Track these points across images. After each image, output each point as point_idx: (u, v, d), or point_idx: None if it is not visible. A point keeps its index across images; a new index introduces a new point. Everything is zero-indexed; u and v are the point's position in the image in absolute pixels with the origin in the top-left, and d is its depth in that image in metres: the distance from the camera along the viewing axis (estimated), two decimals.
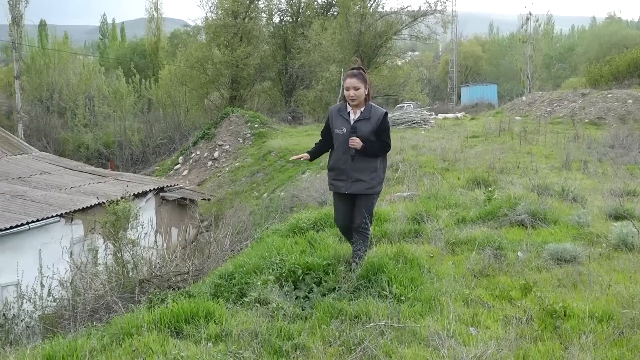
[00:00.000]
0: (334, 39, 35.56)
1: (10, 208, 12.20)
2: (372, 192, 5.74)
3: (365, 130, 5.64)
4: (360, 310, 4.78)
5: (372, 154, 5.68)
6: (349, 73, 5.79)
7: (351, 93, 5.68)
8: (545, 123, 22.43)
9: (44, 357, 4.39)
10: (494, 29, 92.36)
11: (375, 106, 5.82)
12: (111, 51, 62.68)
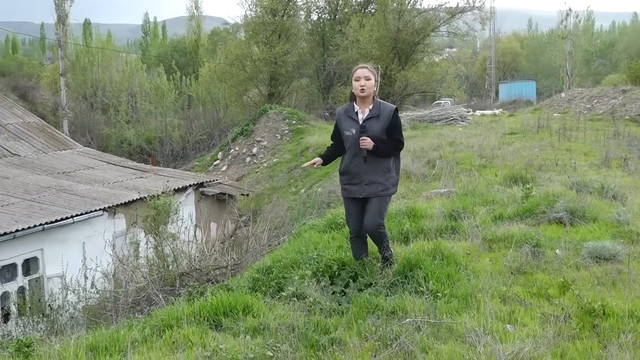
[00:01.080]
0: (372, 36, 35.46)
1: (56, 202, 12.49)
2: (386, 193, 5.48)
3: (376, 128, 5.37)
4: (396, 306, 4.78)
5: (384, 153, 5.42)
6: (360, 66, 5.55)
7: (362, 82, 5.39)
8: (585, 120, 22.00)
9: (88, 347, 4.46)
10: (533, 25, 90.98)
11: (384, 102, 5.57)
12: (153, 49, 63.70)
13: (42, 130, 18.30)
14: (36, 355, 4.42)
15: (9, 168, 14.78)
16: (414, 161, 13.65)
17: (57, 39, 33.94)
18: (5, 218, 11.07)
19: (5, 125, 17.34)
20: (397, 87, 36.73)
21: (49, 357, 4.29)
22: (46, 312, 8.52)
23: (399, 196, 9.62)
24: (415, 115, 27.42)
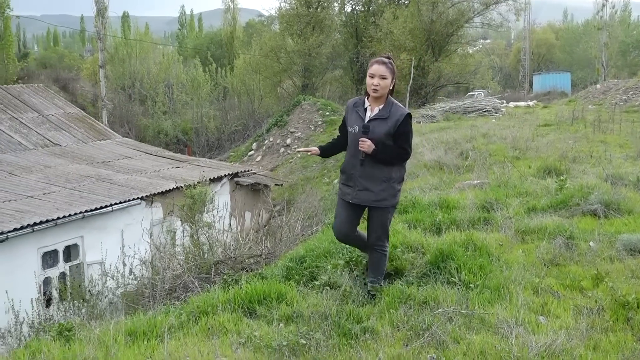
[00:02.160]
0: (405, 28, 35.24)
1: (96, 191, 12.77)
2: (380, 205, 4.88)
3: (379, 131, 4.76)
4: (428, 296, 4.79)
5: (385, 160, 4.81)
6: (378, 59, 4.87)
7: (375, 81, 4.76)
8: (620, 112, 21.47)
9: (126, 332, 4.54)
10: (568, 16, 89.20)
11: (397, 104, 4.89)
12: (189, 41, 64.34)
13: (82, 121, 18.69)
14: (77, 339, 4.49)
15: (51, 157, 15.16)
16: (447, 152, 13.57)
17: (96, 31, 34.49)
18: (47, 206, 11.38)
19: (47, 116, 17.76)
20: (430, 79, 36.49)
21: (89, 341, 4.36)
22: (86, 298, 8.73)
23: (432, 187, 9.61)
24: (449, 107, 27.25)
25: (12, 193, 11.91)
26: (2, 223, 10.16)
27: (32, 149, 15.50)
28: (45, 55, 62.98)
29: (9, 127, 16.11)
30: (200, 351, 4.09)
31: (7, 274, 10.05)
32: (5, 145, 15.13)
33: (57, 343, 4.40)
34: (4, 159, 14.27)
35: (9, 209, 10.99)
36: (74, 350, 4.14)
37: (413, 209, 7.61)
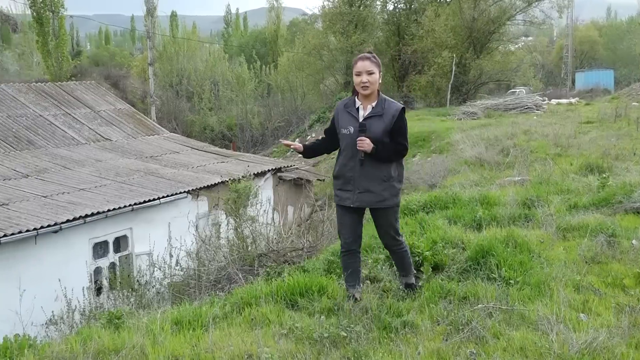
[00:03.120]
0: (447, 25, 35.00)
1: (144, 184, 13.07)
2: (383, 205, 4.70)
3: (377, 129, 4.60)
4: (468, 292, 4.81)
5: (384, 158, 4.64)
6: (361, 56, 4.73)
7: (363, 78, 4.58)
8: None
9: (172, 321, 4.64)
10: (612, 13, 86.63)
11: (389, 100, 4.74)
12: (234, 39, 64.99)
13: (131, 117, 19.11)
14: (126, 327, 4.61)
15: (102, 152, 15.58)
16: (488, 149, 13.47)
17: (146, 30, 35.17)
18: (98, 198, 11.72)
19: (99, 111, 18.25)
20: (471, 76, 36.16)
21: (137, 329, 4.48)
22: (135, 287, 8.93)
23: (472, 183, 9.57)
24: (490, 104, 27.00)
25: (65, 186, 12.31)
26: (57, 215, 10.52)
27: (84, 143, 15.96)
28: (97, 54, 64.50)
29: (62, 122, 16.63)
30: (244, 341, 4.17)
31: (60, 263, 10.38)
32: (59, 140, 15.62)
33: (107, 330, 4.52)
34: (58, 153, 14.74)
35: (63, 201, 11.36)
36: (123, 337, 4.25)
37: (453, 204, 7.61)
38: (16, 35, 53.25)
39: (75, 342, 4.20)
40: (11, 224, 9.82)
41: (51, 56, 36.48)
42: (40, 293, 8.97)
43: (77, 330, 5.55)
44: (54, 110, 17.13)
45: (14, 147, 14.31)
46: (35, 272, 9.92)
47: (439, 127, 23.30)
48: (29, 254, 10.01)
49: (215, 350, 4.04)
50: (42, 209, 10.80)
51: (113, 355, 3.98)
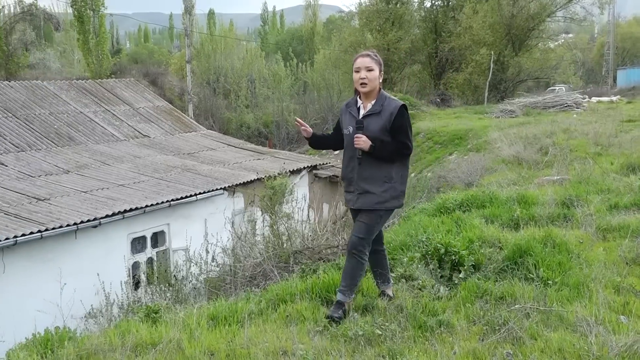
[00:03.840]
0: (485, 22, 34.62)
1: (182, 180, 13.23)
2: (381, 207, 4.49)
3: (374, 127, 4.45)
4: (505, 292, 4.76)
5: (384, 157, 4.46)
6: (361, 53, 4.63)
7: (362, 74, 4.47)
8: None
9: (209, 316, 4.68)
10: None
11: (390, 97, 4.59)
12: (271, 37, 65.41)
13: (169, 114, 19.37)
14: (163, 321, 4.65)
15: (140, 148, 15.83)
16: (526, 148, 13.29)
17: (184, 28, 35.57)
18: (136, 194, 11.90)
19: (138, 108, 18.54)
20: (509, 74, 35.72)
21: (174, 323, 4.52)
22: (171, 282, 9.05)
23: (510, 182, 9.45)
24: (528, 102, 26.69)
25: (105, 182, 12.54)
26: (96, 210, 10.73)
27: (123, 140, 16.23)
28: (136, 51, 65.54)
29: (102, 119, 16.94)
30: (279, 337, 4.20)
31: (99, 257, 10.58)
32: (99, 137, 15.92)
33: (145, 324, 4.58)
34: (98, 149, 15.03)
35: (102, 196, 11.58)
36: (160, 331, 4.31)
37: (490, 203, 7.54)
38: (58, 34, 54.43)
39: (113, 335, 4.28)
40: (52, 219, 10.04)
41: (92, 54, 37.23)
42: (80, 286, 9.16)
43: (115, 323, 5.63)
44: (94, 107, 17.46)
45: (56, 144, 14.64)
46: (75, 266, 10.13)
47: (476, 125, 23.10)
48: (70, 248, 10.23)
49: (251, 346, 4.07)
50: (82, 204, 11.03)
51: (150, 349, 4.04)
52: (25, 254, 9.59)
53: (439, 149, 22.41)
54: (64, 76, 38.97)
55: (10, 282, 9.43)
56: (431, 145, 23.18)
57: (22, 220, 9.85)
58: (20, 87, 16.78)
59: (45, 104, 16.35)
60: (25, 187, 11.57)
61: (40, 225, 9.65)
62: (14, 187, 11.46)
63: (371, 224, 4.52)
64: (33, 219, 9.93)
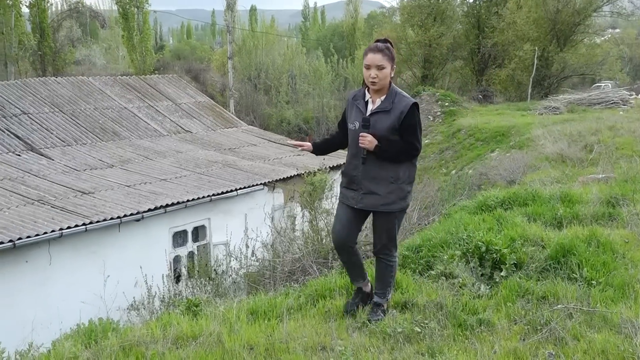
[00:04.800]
0: (529, 17, 34.00)
1: (223, 175, 13.37)
2: (388, 209, 4.26)
3: (382, 125, 4.17)
4: (547, 291, 4.68)
5: (391, 157, 4.20)
6: (373, 47, 4.23)
7: (372, 73, 4.15)
8: None
9: (248, 310, 4.69)
10: None
11: (401, 94, 4.26)
12: (312, 33, 65.48)
13: (211, 109, 19.58)
14: (203, 314, 4.70)
15: (182, 143, 16.05)
16: (570, 145, 13.05)
17: (225, 24, 35.93)
18: (178, 189, 12.08)
19: (180, 104, 18.80)
20: (554, 70, 35.02)
21: (214, 317, 4.56)
22: (212, 276, 9.17)
23: (553, 180, 9.28)
24: (573, 98, 26.18)
25: (147, 176, 12.76)
26: (139, 204, 10.92)
27: (165, 135, 16.49)
28: (179, 48, 66.45)
29: (146, 114, 17.23)
30: (318, 333, 4.22)
31: (142, 251, 10.78)
32: (142, 132, 16.21)
33: (186, 317, 4.61)
34: (141, 144, 15.29)
35: (145, 190, 11.79)
36: (201, 324, 4.35)
37: (533, 202, 7.41)
38: (103, 31, 55.53)
39: (155, 328, 4.33)
40: (97, 212, 10.27)
41: (136, 50, 37.90)
42: (123, 279, 9.35)
43: (157, 316, 5.73)
44: (138, 102, 17.77)
45: (100, 138, 14.95)
46: (118, 258, 10.34)
47: (518, 122, 22.77)
48: (113, 241, 10.44)
49: (290, 340, 4.09)
50: (125, 198, 11.24)
51: (191, 342, 4.09)
52: (71, 246, 9.83)
53: (480, 146, 22.20)
54: (109, 72, 39.80)
55: (56, 274, 9.68)
56: (472, 142, 22.98)
57: (68, 213, 10.09)
58: (66, 83, 17.19)
59: (90, 100, 16.71)
60: (71, 181, 11.86)
61: (84, 218, 9.87)
62: (60, 181, 11.75)
63: (390, 228, 4.35)
64: (78, 212, 10.17)
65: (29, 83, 16.43)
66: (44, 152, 13.32)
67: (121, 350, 3.96)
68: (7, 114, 14.26)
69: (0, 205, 10.09)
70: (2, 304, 8.96)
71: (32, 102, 15.25)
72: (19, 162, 12.44)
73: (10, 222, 9.38)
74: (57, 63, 38.46)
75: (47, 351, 4.03)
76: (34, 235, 9.04)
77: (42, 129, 14.28)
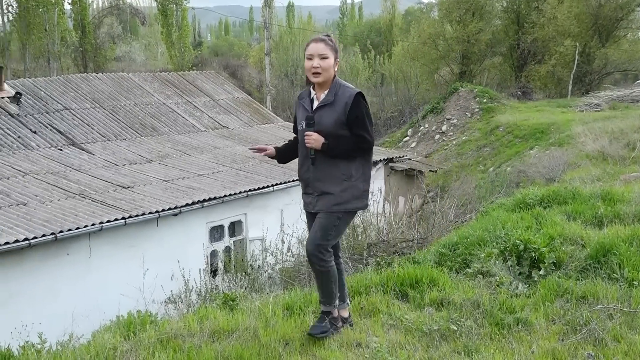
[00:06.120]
0: (570, 13, 33.32)
1: (259, 171, 13.45)
2: (339, 209, 3.93)
3: (328, 120, 3.89)
4: (587, 291, 4.61)
5: (341, 154, 3.90)
6: (314, 38, 4.01)
7: (315, 62, 3.88)
8: None
9: (284, 305, 4.73)
10: None
11: (345, 85, 4.00)
12: (349, 29, 65.34)
13: (248, 105, 19.71)
14: (239, 309, 4.72)
15: (220, 139, 16.19)
16: (612, 143, 12.77)
17: (263, 21, 36.08)
18: (215, 184, 12.20)
19: (217, 100, 18.97)
20: (595, 66, 34.29)
21: (250, 311, 4.60)
22: (248, 271, 9.24)
23: (594, 178, 9.10)
24: (615, 95, 25.62)
25: (185, 171, 12.92)
26: (177, 198, 11.07)
27: (203, 130, 16.66)
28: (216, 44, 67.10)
29: (184, 110, 17.44)
30: (353, 329, 4.24)
31: (179, 245, 10.91)
32: (180, 127, 16.41)
33: (222, 311, 4.67)
34: (179, 139, 15.49)
35: (183, 185, 11.94)
36: (237, 319, 4.40)
37: (573, 200, 7.28)
38: (143, 27, 56.39)
39: (192, 321, 4.39)
40: (136, 206, 10.44)
41: (174, 47, 38.42)
42: (160, 272, 9.48)
43: (194, 309, 5.80)
44: (177, 98, 17.99)
45: (140, 134, 15.19)
46: (156, 252, 10.48)
47: (558, 119, 22.42)
48: (151, 235, 10.59)
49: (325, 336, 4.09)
50: (163, 192, 11.40)
51: (227, 335, 4.14)
52: (110, 239, 10.01)
53: (519, 143, 21.93)
54: (148, 68, 40.38)
55: (96, 266, 9.88)
56: (511, 139, 22.74)
57: (108, 207, 10.29)
58: (107, 79, 17.51)
59: (130, 95, 16.99)
60: (111, 175, 12.08)
61: (124, 212, 10.05)
62: (101, 175, 11.98)
63: (327, 227, 3.93)
64: (117, 206, 10.35)
65: (71, 79, 16.77)
66: (85, 147, 13.59)
67: (159, 342, 4.03)
68: (50, 110, 14.59)
69: (43, 198, 10.34)
70: (45, 296, 9.19)
71: (74, 98, 15.56)
72: (61, 157, 12.73)
73: (52, 216, 9.61)
74: (98, 59, 39.23)
75: (87, 342, 4.12)
76: (75, 229, 9.23)
77: (83, 124, 14.58)
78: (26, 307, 8.83)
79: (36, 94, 14.99)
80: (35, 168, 11.80)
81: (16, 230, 8.83)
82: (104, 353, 3.82)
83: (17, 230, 8.85)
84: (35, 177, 11.32)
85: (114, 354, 3.83)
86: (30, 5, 34.18)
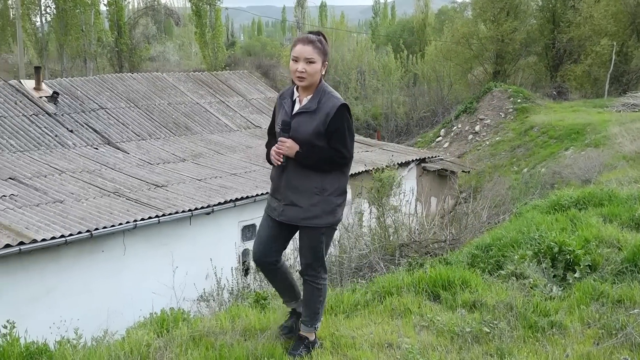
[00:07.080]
0: (607, 11, 32.69)
1: None
2: (311, 224, 3.69)
3: (305, 129, 3.62)
4: (624, 295, 4.53)
5: (313, 165, 3.63)
6: (303, 37, 3.70)
7: (299, 67, 3.60)
8: None
9: None
10: None
11: (331, 93, 3.69)
12: (382, 29, 65.08)
13: None
14: (271, 308, 4.72)
15: (252, 138, 16.31)
16: None
17: (295, 20, 36.29)
18: (248, 183, 12.29)
19: (250, 99, 19.10)
20: (633, 65, 33.55)
21: (281, 310, 4.59)
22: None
23: (631, 180, 8.91)
24: None
25: (218, 170, 13.04)
26: (209, 197, 11.18)
27: (236, 130, 16.80)
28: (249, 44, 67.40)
29: (217, 110, 17.61)
30: (384, 330, 4.22)
31: (212, 244, 11.01)
32: (213, 127, 16.57)
33: (254, 310, 4.68)
34: (213, 139, 15.64)
35: (215, 184, 12.05)
36: (268, 317, 4.41)
37: (609, 202, 7.15)
38: (177, 28, 57.05)
39: (224, 319, 4.41)
40: (169, 205, 10.57)
41: (208, 47, 38.77)
42: (193, 270, 9.57)
43: (226, 308, 5.84)
44: (210, 98, 18.17)
45: (173, 133, 15.38)
46: (189, 250, 10.59)
47: (595, 120, 22.03)
48: (184, 234, 10.71)
49: (356, 336, 4.11)
50: (196, 191, 11.52)
51: (259, 334, 4.16)
52: (144, 237, 10.15)
53: (554, 144, 21.62)
54: (182, 68, 40.83)
55: (130, 263, 10.03)
56: (546, 140, 22.43)
57: (142, 205, 10.44)
58: (142, 78, 17.76)
59: (164, 95, 17.21)
60: (145, 174, 12.26)
61: (157, 211, 10.19)
62: (135, 174, 12.16)
63: (315, 245, 3.75)
64: (151, 205, 10.50)
65: (106, 79, 17.07)
66: (120, 145, 13.81)
67: (191, 340, 4.06)
68: (86, 109, 14.86)
69: (78, 196, 10.54)
70: (81, 292, 9.37)
71: (109, 98, 15.83)
72: (97, 155, 12.96)
73: (88, 213, 9.79)
74: (133, 59, 39.80)
75: (122, 338, 4.17)
76: (110, 226, 9.40)
77: (118, 123, 14.82)
78: (62, 302, 9.01)
79: (73, 93, 15.29)
80: (72, 166, 12.03)
81: (53, 227, 9.02)
82: (138, 349, 3.87)
83: (53, 227, 9.04)
84: (71, 176, 11.54)
85: (147, 350, 3.87)
86: (67, 7, 34.87)
